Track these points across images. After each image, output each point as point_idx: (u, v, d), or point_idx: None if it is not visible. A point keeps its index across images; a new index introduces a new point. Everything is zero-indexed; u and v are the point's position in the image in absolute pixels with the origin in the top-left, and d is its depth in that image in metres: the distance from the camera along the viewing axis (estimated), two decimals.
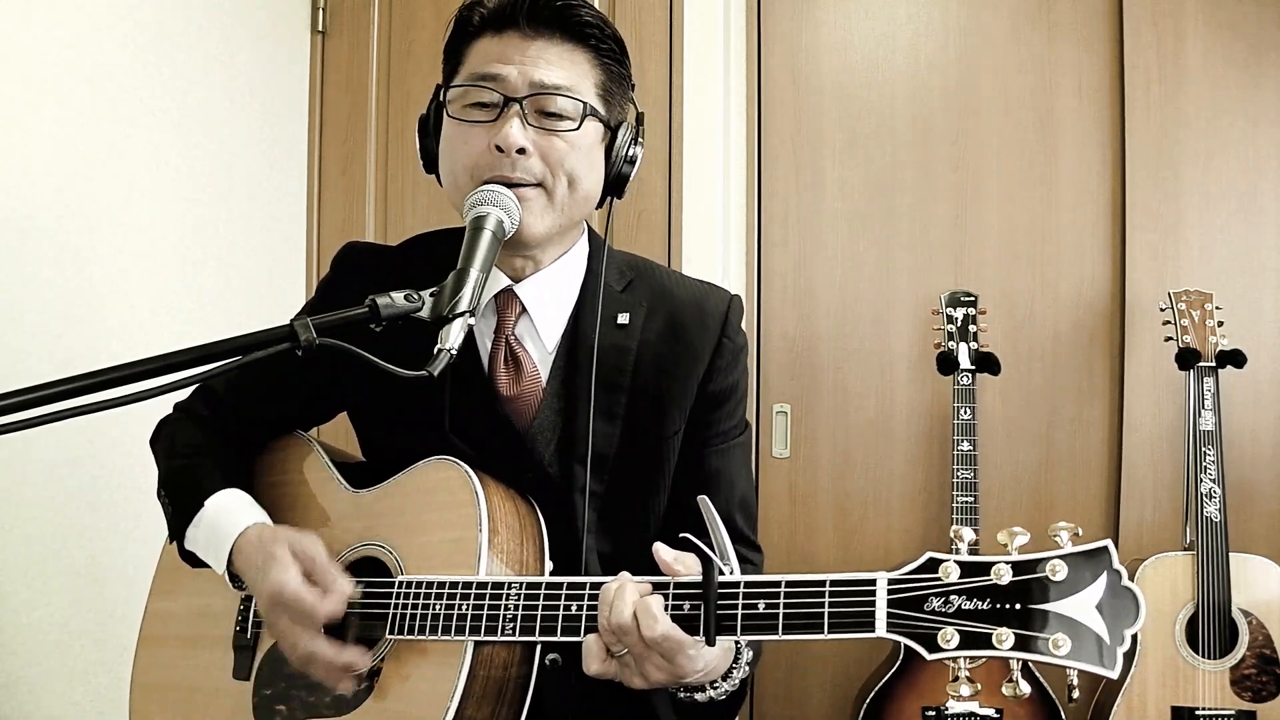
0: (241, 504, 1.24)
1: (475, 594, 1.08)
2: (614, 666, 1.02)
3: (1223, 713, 2.02)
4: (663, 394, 1.24)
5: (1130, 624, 0.86)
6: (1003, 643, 0.87)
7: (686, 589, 1.00)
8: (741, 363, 1.31)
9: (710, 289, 1.32)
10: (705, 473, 1.28)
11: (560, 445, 1.23)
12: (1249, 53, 2.40)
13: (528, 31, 1.16)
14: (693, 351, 1.25)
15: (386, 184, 2.59)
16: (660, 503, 1.28)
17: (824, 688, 2.54)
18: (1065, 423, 2.46)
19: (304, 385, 1.32)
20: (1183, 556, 2.08)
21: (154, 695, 1.30)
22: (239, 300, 2.28)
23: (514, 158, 1.14)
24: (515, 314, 1.24)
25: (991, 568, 0.90)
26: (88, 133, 1.87)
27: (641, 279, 1.30)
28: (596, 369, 1.21)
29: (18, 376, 1.67)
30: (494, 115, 1.15)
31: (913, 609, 0.91)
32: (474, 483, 1.14)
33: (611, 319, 1.24)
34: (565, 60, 1.16)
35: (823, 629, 0.94)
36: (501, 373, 1.23)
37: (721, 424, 1.29)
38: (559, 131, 1.16)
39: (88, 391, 0.84)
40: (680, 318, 1.27)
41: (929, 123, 2.54)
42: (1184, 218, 2.40)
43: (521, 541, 1.16)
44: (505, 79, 1.15)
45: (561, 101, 1.15)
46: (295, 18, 2.55)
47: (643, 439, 1.24)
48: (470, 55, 1.19)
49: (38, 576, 1.77)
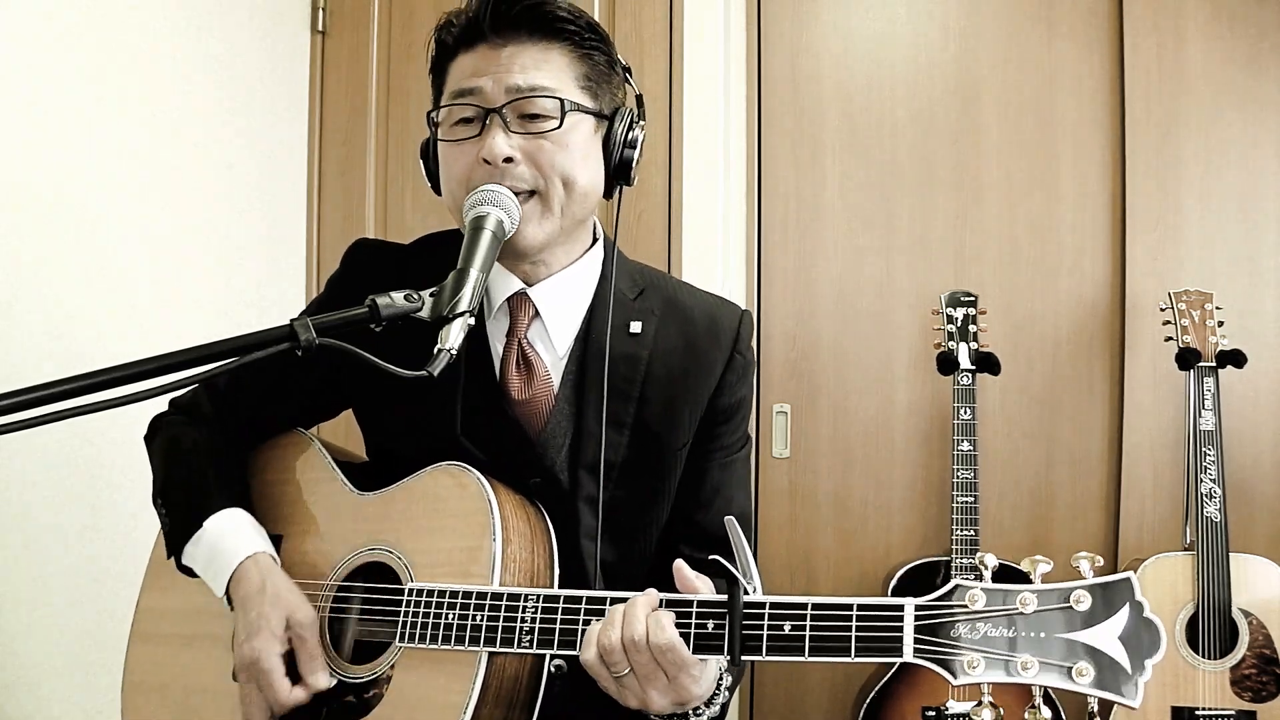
0: (242, 526, 1.23)
1: (490, 604, 1.07)
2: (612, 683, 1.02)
3: (1223, 713, 2.02)
4: (672, 404, 1.24)
5: (1152, 655, 0.88)
6: (1027, 670, 0.89)
7: (711, 607, 1.00)
8: (750, 379, 1.31)
9: (722, 303, 1.32)
10: (707, 486, 1.28)
11: (570, 451, 1.22)
12: (1249, 53, 2.40)
13: (496, 40, 1.16)
14: (704, 364, 1.26)
15: (386, 184, 2.59)
16: (663, 513, 1.28)
17: (824, 688, 2.53)
18: (1065, 423, 2.46)
19: (305, 384, 1.31)
20: (1183, 556, 2.08)
21: (148, 694, 1.29)
22: (239, 300, 2.28)
23: (502, 168, 1.13)
24: (528, 317, 1.23)
25: (1017, 596, 0.91)
26: (88, 132, 1.87)
27: (653, 288, 1.30)
28: (608, 377, 1.21)
29: (18, 376, 1.67)
30: (478, 129, 1.15)
31: (939, 635, 0.92)
32: (487, 490, 1.14)
33: (624, 327, 1.24)
34: (540, 60, 1.16)
35: (849, 652, 0.95)
36: (513, 375, 1.22)
37: (725, 438, 1.29)
38: (544, 133, 1.15)
39: (88, 391, 0.84)
40: (693, 330, 1.27)
41: (929, 122, 2.54)
42: (1184, 218, 2.40)
43: (533, 550, 1.15)
44: (481, 91, 1.15)
45: (541, 102, 1.15)
46: (295, 18, 2.55)
47: (650, 448, 1.24)
48: (449, 75, 1.20)
49: (38, 576, 1.77)
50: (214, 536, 1.21)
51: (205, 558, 1.21)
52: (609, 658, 1.00)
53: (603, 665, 1.01)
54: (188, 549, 1.23)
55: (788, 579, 2.53)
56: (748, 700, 2.56)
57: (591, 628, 1.02)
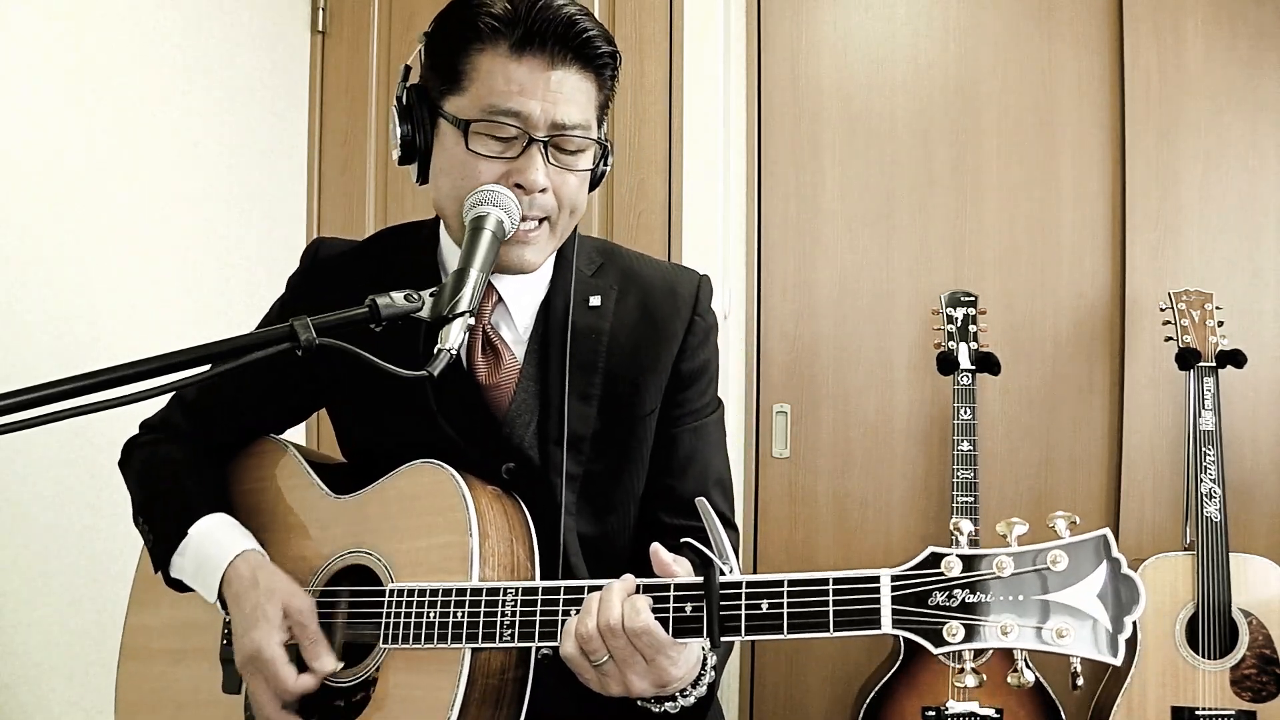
0: (227, 528, 1.22)
1: (470, 600, 1.07)
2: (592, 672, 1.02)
3: (1223, 713, 2.02)
4: (637, 373, 1.25)
5: (1131, 611, 0.87)
6: (1007, 634, 0.88)
7: (688, 590, 1.00)
8: (712, 341, 1.32)
9: (679, 269, 1.34)
10: (680, 452, 1.29)
11: (538, 428, 1.23)
12: (1249, 52, 2.40)
13: (547, 59, 1.11)
14: (665, 331, 1.27)
15: (386, 184, 2.59)
16: (639, 483, 1.28)
17: (824, 687, 2.54)
18: (1065, 422, 2.46)
19: (281, 386, 1.30)
20: (1183, 556, 2.08)
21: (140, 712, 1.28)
22: (239, 300, 2.28)
23: (533, 195, 1.14)
24: (491, 303, 1.24)
25: (993, 560, 0.91)
26: (88, 133, 1.87)
27: (611, 262, 1.31)
28: (570, 351, 1.22)
29: (18, 376, 1.67)
30: (515, 151, 1.13)
31: (917, 604, 0.92)
32: (461, 486, 1.14)
33: (583, 302, 1.25)
34: (580, 93, 1.14)
35: (828, 627, 0.94)
36: (480, 362, 1.23)
37: (694, 402, 1.30)
38: (576, 170, 1.16)
39: (88, 391, 0.84)
40: (651, 299, 1.28)
41: (929, 123, 2.54)
42: (1184, 218, 2.40)
43: (511, 543, 1.15)
44: (528, 117, 1.11)
45: (578, 140, 1.15)
46: (295, 18, 2.55)
47: (619, 418, 1.24)
48: (481, 71, 1.12)
49: (38, 576, 1.77)
50: (200, 542, 1.21)
51: (194, 565, 1.21)
52: (587, 645, 1.00)
53: (582, 656, 1.01)
54: (175, 560, 1.22)
55: None
56: (748, 700, 2.56)
57: (569, 621, 1.02)
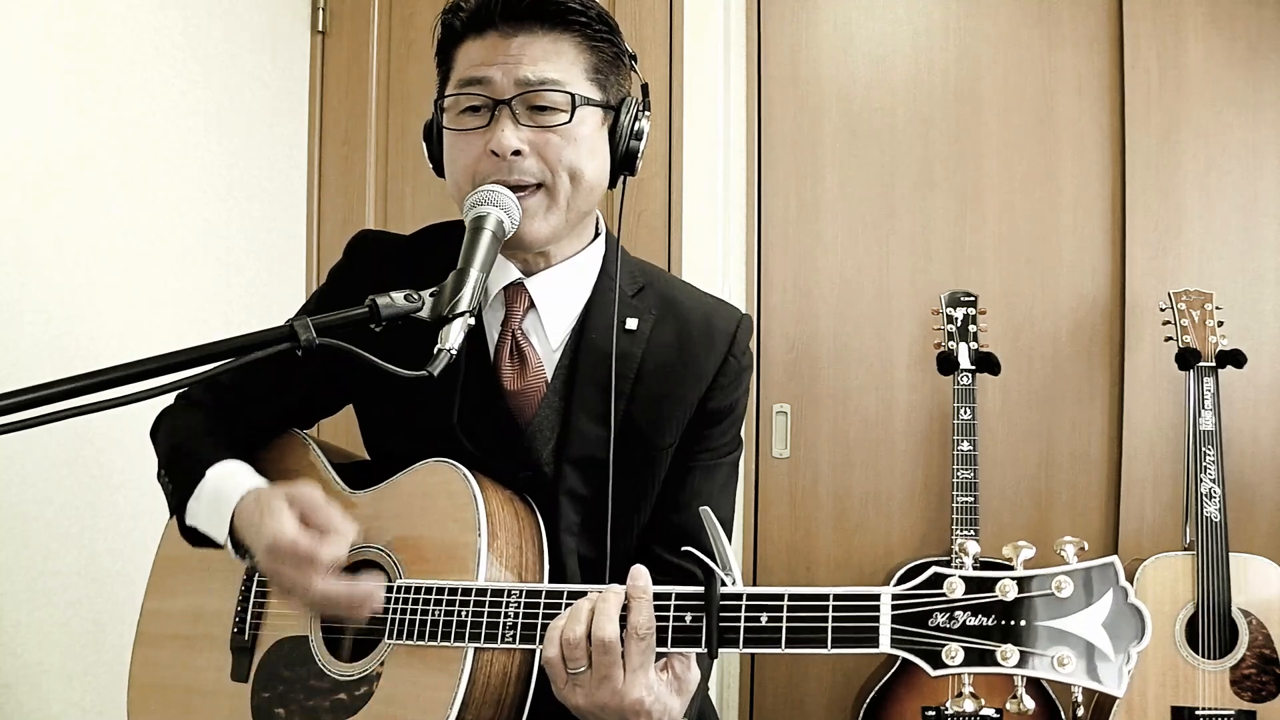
0: (243, 470, 1.21)
1: (475, 600, 1.07)
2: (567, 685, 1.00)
3: (1223, 713, 2.02)
4: (662, 404, 1.23)
5: (1136, 642, 0.85)
6: (1007, 660, 0.86)
7: (688, 600, 0.99)
8: (744, 383, 1.29)
9: (720, 305, 1.31)
10: (687, 488, 1.26)
11: (557, 445, 1.22)
12: (1249, 53, 2.40)
13: (506, 29, 1.15)
14: (697, 366, 1.24)
15: (386, 184, 2.59)
16: (646, 511, 1.27)
17: (823, 688, 2.54)
18: (1065, 423, 2.46)
19: (304, 382, 1.31)
20: (1183, 556, 2.08)
21: (151, 696, 1.29)
22: (239, 300, 2.28)
23: (510, 160, 1.13)
24: (523, 308, 1.23)
25: (997, 584, 0.88)
26: (88, 132, 1.87)
27: (652, 286, 1.29)
28: (599, 373, 1.21)
29: (18, 376, 1.67)
30: (486, 120, 1.15)
31: (917, 625, 0.90)
32: (472, 486, 1.14)
33: (620, 323, 1.23)
34: (550, 51, 1.15)
35: (826, 644, 0.93)
36: (506, 366, 1.22)
37: (712, 441, 1.28)
38: (552, 126, 1.14)
39: (88, 391, 0.84)
40: (688, 331, 1.26)
41: (929, 123, 2.54)
42: (1184, 218, 2.40)
43: (520, 545, 1.15)
44: (491, 81, 1.14)
45: (551, 95, 1.14)
46: (295, 18, 2.55)
47: (637, 447, 1.23)
48: (457, 60, 1.19)
49: (38, 576, 1.77)
50: (214, 483, 1.18)
51: (208, 507, 1.18)
52: (570, 652, 0.98)
53: (562, 662, 0.99)
54: (190, 505, 1.20)
55: (787, 579, 2.53)
56: (748, 700, 2.56)
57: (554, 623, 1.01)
